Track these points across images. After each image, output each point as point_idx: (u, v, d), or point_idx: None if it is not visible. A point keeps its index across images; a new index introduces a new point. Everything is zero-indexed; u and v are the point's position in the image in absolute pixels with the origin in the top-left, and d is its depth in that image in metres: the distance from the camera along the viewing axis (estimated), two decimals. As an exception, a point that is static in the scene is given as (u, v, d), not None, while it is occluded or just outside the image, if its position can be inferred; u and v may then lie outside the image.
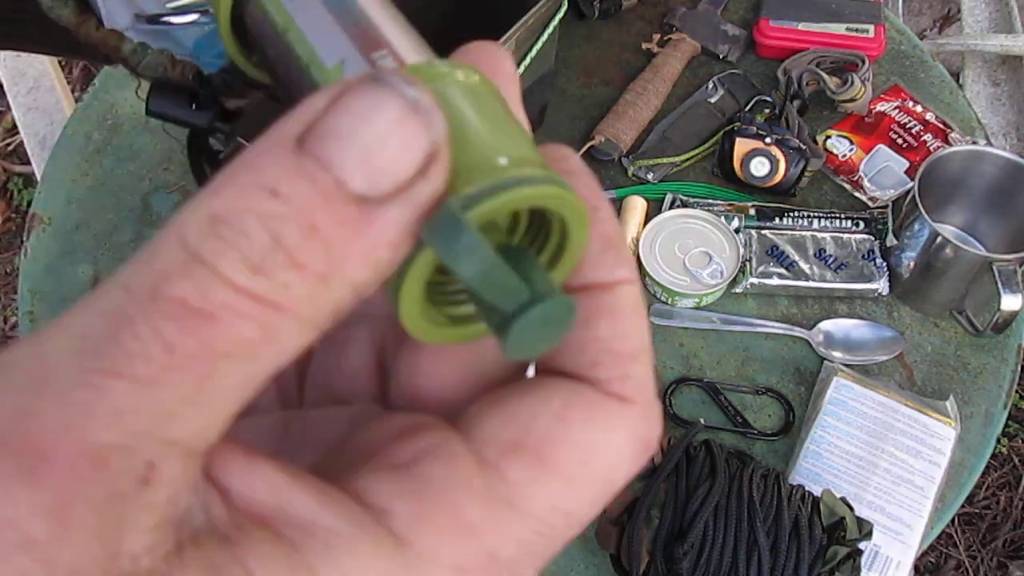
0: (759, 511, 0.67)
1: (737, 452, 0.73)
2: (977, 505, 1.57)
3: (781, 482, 0.69)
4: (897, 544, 0.73)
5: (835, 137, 0.97)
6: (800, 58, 1.00)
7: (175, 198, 0.96)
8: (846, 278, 0.87)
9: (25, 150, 1.59)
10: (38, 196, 0.97)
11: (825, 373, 0.82)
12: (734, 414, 0.81)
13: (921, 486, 0.75)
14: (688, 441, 0.71)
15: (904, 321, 0.87)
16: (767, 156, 0.90)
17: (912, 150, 0.96)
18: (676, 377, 0.84)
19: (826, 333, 0.86)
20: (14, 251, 1.86)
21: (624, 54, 1.05)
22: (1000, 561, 1.52)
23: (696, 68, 1.04)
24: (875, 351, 0.85)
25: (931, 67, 1.05)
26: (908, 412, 0.78)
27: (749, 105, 0.99)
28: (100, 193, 0.96)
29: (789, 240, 0.89)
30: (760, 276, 0.87)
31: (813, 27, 1.03)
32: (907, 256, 0.84)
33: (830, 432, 0.78)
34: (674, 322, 0.86)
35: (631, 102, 0.98)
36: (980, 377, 0.84)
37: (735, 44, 1.04)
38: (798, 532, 0.67)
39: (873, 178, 0.94)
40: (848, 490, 0.74)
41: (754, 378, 0.84)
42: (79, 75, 2.03)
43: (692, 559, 0.66)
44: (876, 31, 1.03)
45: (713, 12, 1.07)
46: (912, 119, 0.98)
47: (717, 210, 0.91)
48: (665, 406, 0.82)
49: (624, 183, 0.95)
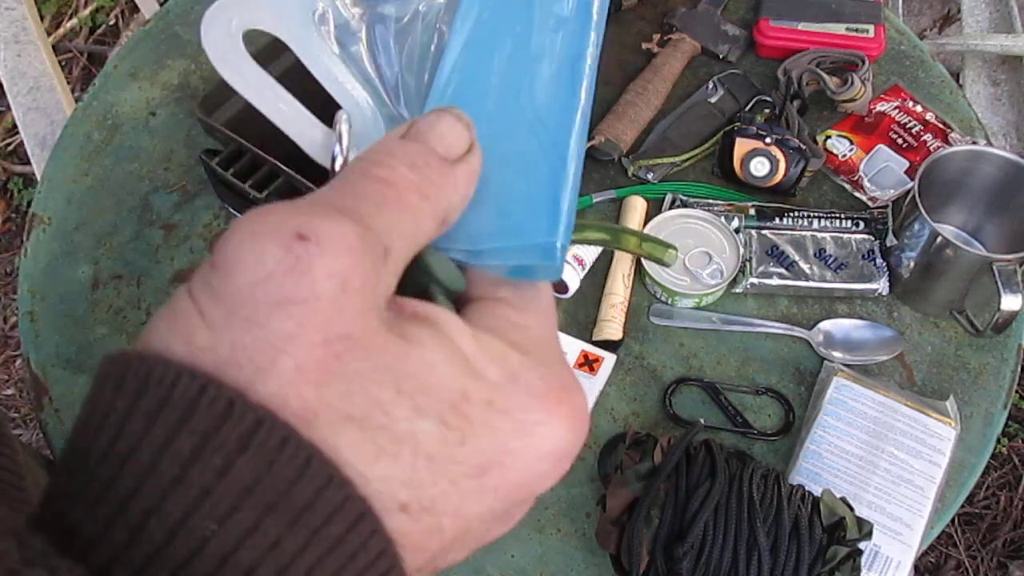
0: (759, 511, 0.67)
1: (737, 452, 0.73)
2: (977, 505, 1.57)
3: (781, 482, 0.69)
4: (897, 544, 0.73)
5: (835, 137, 0.97)
6: (800, 58, 1.00)
7: (175, 198, 0.96)
8: (846, 278, 0.87)
9: (25, 150, 1.59)
10: (38, 196, 0.97)
11: (825, 373, 0.82)
12: (734, 414, 0.81)
13: (921, 486, 0.75)
14: (688, 441, 0.71)
15: (904, 321, 0.87)
16: (767, 156, 0.90)
17: (912, 150, 0.96)
18: (676, 377, 0.84)
19: (826, 333, 0.86)
20: (14, 251, 1.86)
21: (624, 54, 1.05)
22: (1000, 561, 1.52)
23: (696, 68, 1.04)
24: (875, 351, 0.85)
25: (931, 67, 1.05)
26: (908, 412, 0.78)
27: (749, 105, 0.99)
28: (100, 193, 0.96)
29: (789, 240, 0.89)
30: (760, 276, 0.87)
31: (813, 27, 1.03)
32: (907, 256, 0.84)
33: (830, 432, 0.78)
34: (674, 322, 0.86)
35: (631, 102, 0.98)
36: (980, 377, 0.84)
37: (735, 44, 1.04)
38: (798, 532, 0.67)
39: (873, 178, 0.94)
40: (848, 490, 0.74)
41: (754, 378, 0.84)
42: (79, 75, 2.03)
43: (692, 559, 0.66)
44: (876, 31, 1.03)
45: (713, 12, 1.07)
46: (912, 119, 0.98)
47: (717, 210, 0.91)
48: (665, 406, 0.82)
49: (624, 183, 0.95)
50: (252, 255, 0.21)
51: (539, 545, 0.76)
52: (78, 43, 2.05)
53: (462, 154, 0.26)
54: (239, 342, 0.20)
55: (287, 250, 0.21)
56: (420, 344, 0.22)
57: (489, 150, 0.29)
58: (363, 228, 0.22)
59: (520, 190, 0.29)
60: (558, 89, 0.32)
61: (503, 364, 0.24)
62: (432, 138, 0.26)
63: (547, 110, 0.32)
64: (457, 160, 0.26)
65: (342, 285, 0.21)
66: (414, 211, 0.24)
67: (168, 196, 0.96)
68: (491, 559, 0.75)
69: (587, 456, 0.79)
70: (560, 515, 0.77)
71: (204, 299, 0.21)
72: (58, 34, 2.01)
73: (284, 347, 0.20)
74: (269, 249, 0.21)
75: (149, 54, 1.06)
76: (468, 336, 0.23)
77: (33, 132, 1.52)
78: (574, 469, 0.79)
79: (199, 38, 0.34)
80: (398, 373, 0.21)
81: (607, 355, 0.82)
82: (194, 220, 0.94)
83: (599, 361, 0.82)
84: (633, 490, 0.70)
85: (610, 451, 0.77)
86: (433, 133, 0.26)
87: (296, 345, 0.20)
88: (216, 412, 0.19)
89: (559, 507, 0.77)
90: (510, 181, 0.30)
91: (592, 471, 0.78)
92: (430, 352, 0.22)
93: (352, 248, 0.21)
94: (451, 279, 0.27)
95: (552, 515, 0.77)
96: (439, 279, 0.27)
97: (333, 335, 0.20)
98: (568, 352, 0.82)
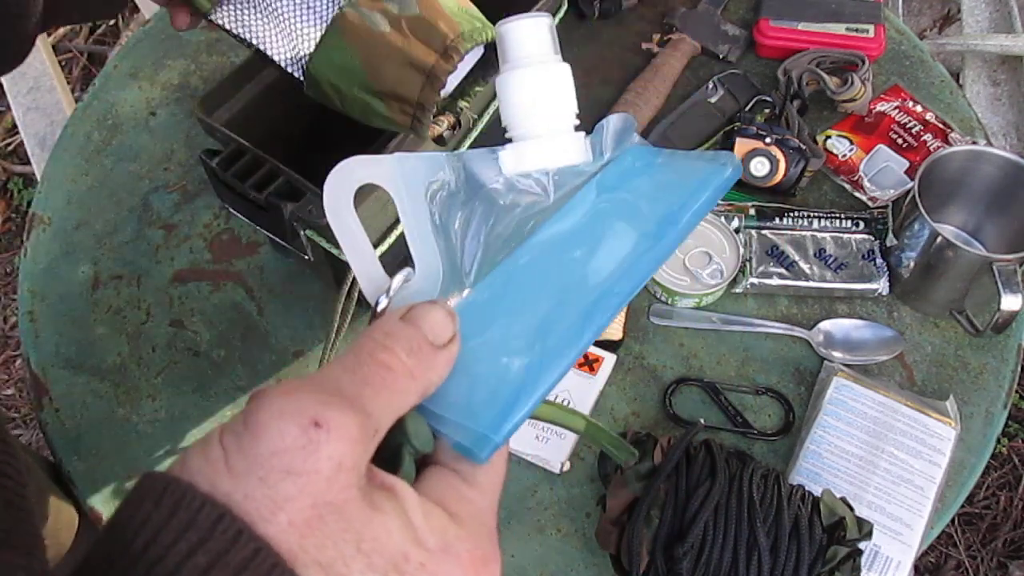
0: (759, 511, 0.67)
1: (737, 452, 0.73)
2: (977, 505, 1.57)
3: (781, 482, 0.69)
4: (897, 544, 0.73)
5: (835, 137, 0.97)
6: (800, 58, 1.00)
7: (175, 198, 0.96)
8: (846, 278, 0.87)
9: (25, 150, 1.59)
10: (38, 196, 0.97)
11: (825, 373, 0.82)
12: (734, 414, 0.81)
13: (921, 486, 0.75)
14: (688, 441, 0.71)
15: (904, 321, 0.87)
16: (767, 156, 0.90)
17: (912, 150, 0.96)
18: (676, 377, 0.84)
19: (826, 333, 0.86)
20: (14, 251, 1.86)
21: (624, 54, 1.05)
22: (1000, 561, 1.52)
23: (696, 68, 1.04)
24: (875, 351, 0.85)
25: (931, 67, 1.05)
26: (908, 412, 0.78)
27: (749, 105, 0.99)
28: (100, 193, 0.96)
29: (789, 240, 0.89)
30: (760, 276, 0.87)
31: (813, 27, 1.03)
32: (907, 256, 0.84)
33: (830, 432, 0.78)
34: (674, 322, 0.86)
35: (631, 102, 0.98)
36: (980, 377, 0.84)
37: (735, 44, 1.04)
38: (798, 532, 0.67)
39: (873, 178, 0.94)
40: (848, 490, 0.74)
41: (754, 378, 0.84)
42: (79, 75, 2.03)
43: (692, 559, 0.66)
44: (876, 31, 1.03)
45: (713, 12, 1.07)
46: (912, 119, 0.98)
47: (717, 210, 0.91)
48: (665, 406, 0.82)
49: (624, 183, 0.95)
50: (276, 430, 0.27)
51: (539, 545, 0.76)
52: (78, 43, 2.05)
53: (446, 342, 0.33)
54: (252, 494, 0.26)
55: (303, 431, 0.27)
56: (383, 512, 0.28)
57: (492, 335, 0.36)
58: (364, 417, 0.28)
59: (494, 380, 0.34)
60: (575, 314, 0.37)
61: (441, 535, 0.30)
62: (424, 325, 0.32)
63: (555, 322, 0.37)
64: (441, 347, 0.33)
65: (339, 466, 0.27)
66: (404, 391, 0.31)
67: (168, 196, 0.96)
68: (491, 559, 0.75)
69: (587, 456, 0.79)
70: (560, 515, 0.77)
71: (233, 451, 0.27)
72: (58, 34, 2.01)
73: (283, 505, 0.26)
74: (290, 430, 0.27)
75: (149, 54, 1.06)
76: (419, 508, 0.30)
77: (33, 132, 1.52)
78: (574, 469, 0.79)
79: (200, 38, 0.34)
80: (362, 535, 0.27)
81: (607, 355, 0.82)
82: (194, 220, 0.94)
83: (599, 361, 0.82)
84: (633, 490, 0.70)
85: (610, 451, 0.77)
86: (426, 321, 0.32)
87: (292, 505, 0.27)
88: (228, 537, 0.26)
89: (559, 507, 0.77)
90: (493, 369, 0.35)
91: (592, 471, 0.78)
92: (389, 520, 0.28)
93: (352, 438, 0.28)
94: (421, 442, 0.33)
95: (552, 515, 0.77)
96: (411, 441, 0.32)
97: (321, 502, 0.27)
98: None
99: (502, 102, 0.45)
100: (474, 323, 0.36)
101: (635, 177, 0.45)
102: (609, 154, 0.46)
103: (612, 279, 0.38)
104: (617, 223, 0.42)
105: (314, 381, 0.29)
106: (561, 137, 0.44)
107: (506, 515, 0.77)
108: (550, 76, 0.44)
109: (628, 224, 0.41)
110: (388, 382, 0.30)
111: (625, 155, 0.46)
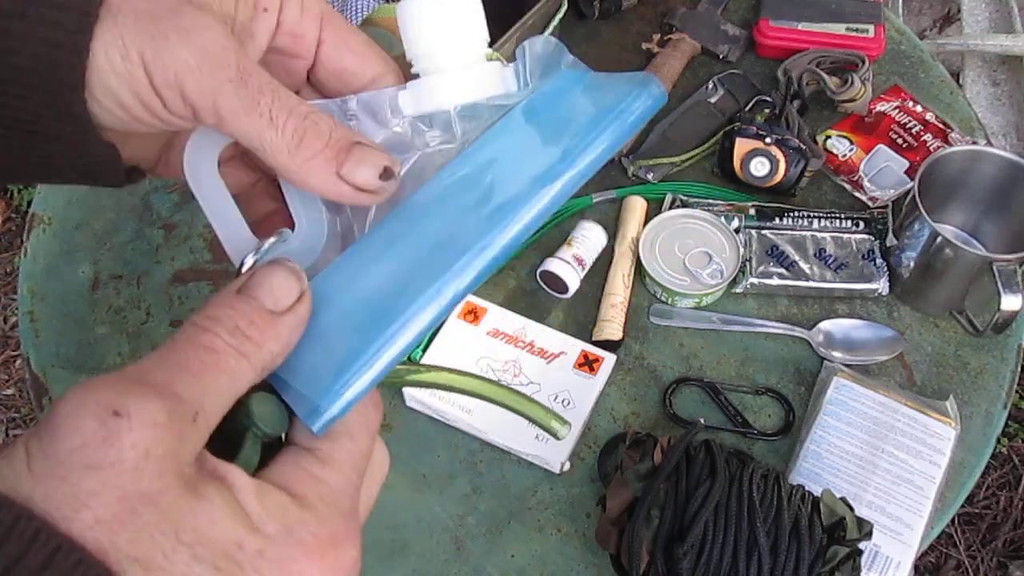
0: (759, 511, 0.67)
1: (737, 452, 0.73)
2: (977, 505, 1.57)
3: (781, 482, 0.69)
4: (897, 544, 0.73)
5: (835, 137, 0.97)
6: (800, 58, 1.00)
7: (175, 198, 0.96)
8: (846, 278, 0.87)
9: (25, 150, 1.59)
10: (38, 196, 0.97)
11: (825, 373, 0.82)
12: (734, 414, 0.81)
13: (921, 486, 0.75)
14: (688, 441, 0.71)
15: (904, 321, 0.87)
16: (767, 156, 0.90)
17: (912, 150, 0.96)
18: (676, 377, 0.84)
19: (826, 333, 0.86)
20: (14, 251, 1.86)
21: (624, 54, 1.05)
22: (1000, 561, 1.52)
23: (696, 68, 1.04)
24: (875, 351, 0.85)
25: (931, 67, 1.05)
26: (908, 412, 0.78)
27: (749, 105, 0.99)
28: (100, 193, 0.96)
29: (789, 240, 0.89)
30: (760, 276, 0.87)
31: (813, 27, 1.03)
32: (907, 256, 0.84)
33: (830, 432, 0.78)
34: (674, 322, 0.86)
35: (631, 102, 0.98)
36: (980, 377, 0.84)
37: (735, 44, 1.04)
38: (798, 532, 0.67)
39: (873, 178, 0.94)
40: (848, 490, 0.74)
41: (754, 378, 0.84)
42: (79, 75, 2.03)
43: (692, 559, 0.66)
44: (876, 31, 1.03)
45: (713, 12, 1.07)
46: (912, 119, 0.98)
47: (717, 210, 0.91)
48: (665, 406, 0.82)
49: (624, 183, 0.95)
50: (73, 426, 0.26)
51: (539, 545, 0.76)
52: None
53: (289, 306, 0.31)
54: (52, 494, 0.25)
55: (101, 423, 0.26)
56: (208, 500, 0.27)
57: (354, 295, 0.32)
58: (173, 402, 0.27)
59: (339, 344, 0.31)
60: (440, 268, 0.33)
61: (281, 519, 0.29)
62: (262, 292, 0.31)
63: (415, 279, 0.32)
64: (284, 311, 0.31)
65: (145, 454, 0.26)
66: (231, 371, 0.29)
67: (168, 196, 0.96)
68: (491, 559, 0.75)
69: (587, 456, 0.79)
70: (560, 515, 0.77)
71: (35, 453, 0.26)
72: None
73: (87, 501, 0.25)
74: (88, 423, 0.26)
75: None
76: (252, 493, 0.29)
77: (33, 132, 1.51)
78: (574, 469, 0.79)
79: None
80: (180, 525, 0.26)
81: (607, 355, 0.82)
82: (194, 220, 0.94)
83: (599, 361, 0.82)
84: (633, 490, 0.70)
85: (610, 451, 0.77)
86: (264, 286, 0.31)
87: (97, 501, 0.25)
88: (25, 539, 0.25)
89: (559, 507, 0.77)
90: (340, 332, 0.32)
91: (592, 471, 0.78)
92: (215, 508, 0.27)
93: (158, 423, 0.27)
94: (269, 423, 0.30)
95: (552, 515, 0.77)
96: (256, 423, 0.30)
97: (131, 494, 0.26)
98: (568, 352, 0.82)
99: (403, 33, 0.39)
100: (342, 282, 0.33)
101: (547, 109, 0.39)
102: (533, 84, 0.40)
103: (490, 228, 0.33)
104: (515, 162, 0.36)
105: (121, 373, 0.28)
106: (468, 70, 0.39)
107: (506, 515, 0.77)
108: (453, 1, 0.38)
109: (526, 164, 0.36)
110: (210, 364, 0.29)
111: (552, 83, 0.39)
